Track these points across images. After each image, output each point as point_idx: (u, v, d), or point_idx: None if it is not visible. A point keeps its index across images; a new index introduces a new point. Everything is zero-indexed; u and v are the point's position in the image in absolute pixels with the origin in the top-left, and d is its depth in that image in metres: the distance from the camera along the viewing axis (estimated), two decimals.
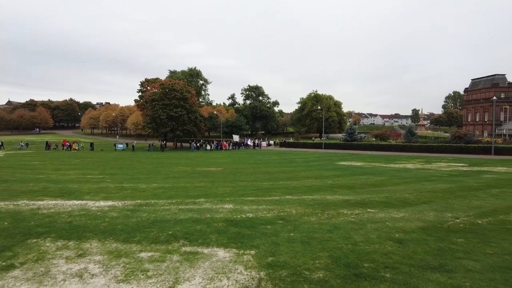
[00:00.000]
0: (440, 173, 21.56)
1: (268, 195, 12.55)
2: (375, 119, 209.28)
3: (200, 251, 6.23)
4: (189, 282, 4.89)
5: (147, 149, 56.93)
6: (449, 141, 45.88)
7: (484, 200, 12.10)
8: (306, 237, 7.04)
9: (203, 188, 14.43)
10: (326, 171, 22.26)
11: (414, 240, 6.95)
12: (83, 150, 55.83)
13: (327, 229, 7.75)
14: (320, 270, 5.27)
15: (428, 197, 12.57)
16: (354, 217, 9.10)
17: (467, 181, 17.57)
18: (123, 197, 11.98)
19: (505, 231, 7.76)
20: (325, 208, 10.17)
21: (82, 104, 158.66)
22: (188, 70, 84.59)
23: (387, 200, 11.79)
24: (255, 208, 10.01)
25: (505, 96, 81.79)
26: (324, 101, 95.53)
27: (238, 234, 7.28)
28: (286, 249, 6.29)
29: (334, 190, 14.15)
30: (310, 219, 8.72)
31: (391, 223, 8.39)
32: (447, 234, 7.40)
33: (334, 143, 56.43)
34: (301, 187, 14.86)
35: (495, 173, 21.64)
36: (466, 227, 8.09)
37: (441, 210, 10.07)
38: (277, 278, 4.97)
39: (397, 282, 4.82)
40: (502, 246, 6.62)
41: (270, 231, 7.53)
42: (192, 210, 9.77)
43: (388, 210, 10.00)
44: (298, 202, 11.10)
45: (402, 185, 15.87)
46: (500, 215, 9.61)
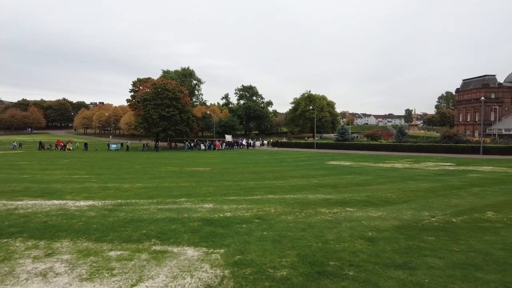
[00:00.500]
0: (426, 172, 21.77)
1: (250, 194, 12.60)
2: (369, 119, 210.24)
3: (169, 250, 6.25)
4: (153, 280, 4.92)
5: (141, 149, 56.80)
6: (439, 141, 46.29)
7: (464, 199, 12.25)
8: (278, 236, 7.09)
9: (187, 188, 14.44)
10: (313, 171, 22.36)
11: (385, 238, 7.02)
12: (77, 150, 55.46)
13: (302, 227, 7.81)
14: (285, 268, 5.32)
15: (409, 196, 12.69)
16: (332, 216, 9.17)
17: (451, 180, 17.74)
18: (105, 197, 11.95)
19: (476, 229, 7.87)
20: (304, 207, 10.23)
21: (75, 104, 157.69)
22: (181, 70, 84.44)
23: (368, 199, 11.89)
24: (234, 208, 10.05)
25: (495, 97, 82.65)
26: (317, 101, 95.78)
27: (212, 233, 7.31)
28: (256, 247, 6.33)
29: (317, 189, 14.23)
30: (287, 218, 8.78)
31: (366, 222, 8.46)
32: (419, 233, 7.49)
33: (326, 143, 56.67)
34: (286, 187, 14.92)
35: (480, 172, 21.89)
36: (440, 226, 8.18)
37: (419, 209, 10.17)
38: (240, 276, 5.01)
39: (358, 279, 4.88)
40: (470, 243, 6.72)
41: (244, 230, 7.57)
42: (171, 209, 9.78)
43: (367, 209, 10.08)
44: (279, 201, 11.15)
45: (386, 185, 16.00)
46: (476, 213, 9.73)
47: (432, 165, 27.09)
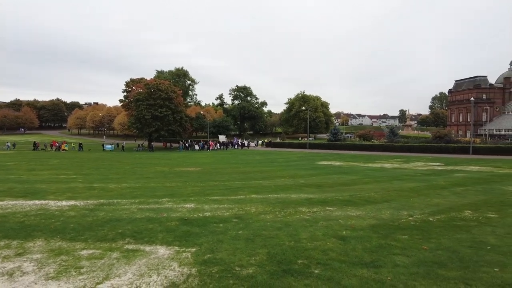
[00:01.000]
0: (414, 172, 21.94)
1: (234, 194, 12.65)
2: (363, 120, 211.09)
3: (142, 248, 6.29)
4: (119, 278, 4.96)
5: (136, 149, 56.67)
6: (430, 141, 46.62)
7: (445, 198, 12.39)
8: (252, 235, 7.15)
9: (172, 188, 14.46)
10: (302, 171, 22.46)
11: (358, 237, 7.10)
12: (73, 150, 54.99)
13: (278, 226, 7.88)
14: (252, 266, 5.38)
15: (392, 195, 12.81)
16: (310, 215, 9.25)
17: (436, 180, 17.91)
18: (88, 196, 11.95)
19: (450, 228, 7.98)
20: (285, 207, 10.30)
21: (69, 104, 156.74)
22: (175, 70, 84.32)
23: (350, 198, 11.99)
24: (215, 207, 10.10)
25: (487, 97, 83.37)
26: (311, 101, 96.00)
27: (187, 232, 7.35)
28: (228, 246, 6.39)
29: (302, 189, 14.32)
30: (266, 217, 8.84)
31: (343, 221, 8.55)
32: (393, 232, 7.58)
33: (319, 143, 56.88)
34: (271, 187, 15.00)
35: (467, 172, 22.10)
36: (415, 225, 8.28)
37: (399, 208, 10.28)
38: (206, 274, 5.06)
39: (322, 277, 4.95)
40: (440, 242, 6.82)
41: (220, 229, 7.63)
42: (151, 209, 9.81)
43: (347, 208, 10.18)
44: (261, 201, 11.22)
45: (371, 184, 16.12)
46: (453, 212, 9.86)
47: (421, 165, 27.29)
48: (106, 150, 54.84)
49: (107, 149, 55.28)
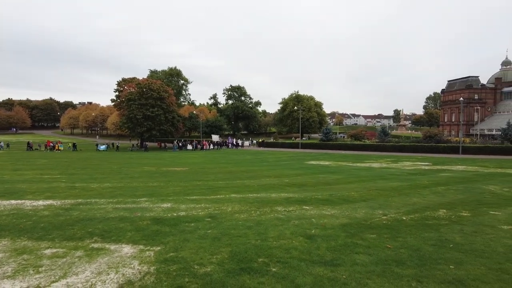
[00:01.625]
0: (400, 172, 22.09)
1: (214, 194, 12.67)
2: (358, 120, 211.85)
3: (107, 247, 6.30)
4: (76, 276, 4.97)
5: (130, 149, 56.52)
6: (421, 140, 46.93)
7: (425, 197, 12.49)
8: (221, 234, 7.18)
9: (154, 188, 14.45)
10: (290, 170, 22.53)
11: (326, 236, 7.16)
12: (68, 150, 54.51)
13: (248, 225, 7.92)
14: (212, 264, 5.42)
15: (372, 195, 12.90)
16: (285, 214, 9.30)
17: (420, 179, 18.05)
18: (67, 196, 11.92)
19: (421, 226, 8.05)
20: (262, 206, 10.34)
21: (62, 104, 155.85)
22: (168, 70, 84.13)
23: (329, 197, 12.06)
24: (192, 207, 10.12)
25: (479, 97, 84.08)
26: (305, 101, 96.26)
27: (156, 231, 7.37)
28: (193, 245, 6.42)
29: (284, 188, 14.38)
30: (240, 216, 8.88)
31: (316, 220, 8.60)
32: (363, 230, 7.63)
33: (311, 143, 57.07)
34: (254, 186, 15.04)
35: (452, 171, 22.29)
36: (387, 223, 8.35)
37: (375, 208, 10.36)
38: (163, 272, 5.09)
39: (278, 276, 4.99)
40: (406, 240, 6.88)
41: (190, 228, 7.65)
42: (127, 209, 9.81)
43: (323, 207, 10.24)
44: (239, 200, 11.25)
45: (355, 184, 16.21)
46: (428, 211, 9.94)
47: (409, 164, 27.47)
48: (100, 150, 54.49)
49: (101, 149, 54.95)
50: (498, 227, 8.06)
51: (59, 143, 55.38)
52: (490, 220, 8.83)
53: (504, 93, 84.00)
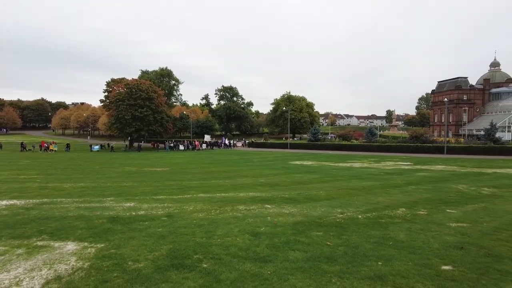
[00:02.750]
0: (378, 171, 22.32)
1: (183, 193, 12.80)
2: (351, 120, 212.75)
3: (51, 245, 6.42)
4: (7, 273, 5.10)
5: (123, 149, 56.68)
6: (407, 141, 47.39)
7: (391, 196, 12.69)
8: (169, 232, 7.32)
9: (125, 187, 14.54)
10: (269, 170, 22.69)
11: (272, 233, 7.32)
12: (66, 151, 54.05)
13: (201, 224, 8.06)
14: (146, 261, 5.56)
15: (340, 194, 13.10)
16: (244, 212, 9.46)
17: (395, 179, 18.29)
18: (34, 196, 12.00)
19: (371, 225, 8.21)
20: (225, 205, 10.49)
21: (54, 104, 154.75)
22: (159, 70, 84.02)
23: (295, 196, 12.23)
24: (153, 206, 10.25)
25: (467, 98, 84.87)
26: (296, 102, 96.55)
27: (107, 229, 7.49)
28: (137, 242, 6.55)
29: (255, 188, 14.54)
30: (197, 215, 9.02)
31: (271, 218, 8.77)
32: (312, 228, 7.81)
33: (300, 143, 57.37)
34: (227, 186, 15.17)
35: (430, 171, 22.56)
36: (339, 222, 8.51)
37: (336, 206, 10.53)
38: (96, 268, 5.23)
39: (205, 271, 5.13)
40: (350, 238, 7.04)
41: (142, 227, 7.78)
42: (89, 208, 9.91)
43: (285, 206, 10.41)
44: (204, 200, 11.38)
45: (328, 183, 16.41)
46: (388, 210, 10.12)
47: (390, 164, 27.75)
48: (93, 150, 54.24)
49: (95, 150, 54.77)
50: (446, 225, 8.28)
51: (53, 144, 54.96)
52: (442, 218, 9.05)
53: (492, 94, 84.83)
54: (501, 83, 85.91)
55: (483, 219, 8.96)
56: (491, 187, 15.28)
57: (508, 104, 78.48)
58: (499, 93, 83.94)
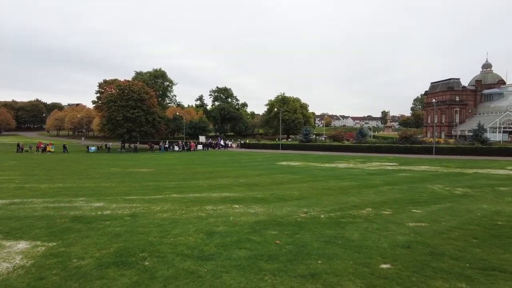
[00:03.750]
0: (361, 172, 22.46)
1: (156, 194, 12.91)
2: (346, 121, 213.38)
3: (3, 244, 6.54)
4: None
5: (119, 150, 56.99)
6: (397, 141, 47.65)
7: (363, 196, 12.82)
8: (126, 231, 7.43)
9: (102, 188, 14.64)
10: (253, 171, 22.80)
11: (227, 232, 7.45)
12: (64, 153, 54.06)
13: (161, 223, 8.18)
14: (91, 258, 5.68)
15: (313, 194, 13.24)
16: (209, 212, 9.59)
17: (374, 179, 18.42)
18: (6, 196, 12.10)
19: (331, 224, 8.34)
20: (193, 205, 10.61)
21: (49, 105, 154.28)
22: (153, 71, 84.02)
23: (268, 196, 12.36)
24: (122, 206, 10.36)
25: (460, 99, 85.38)
26: (290, 103, 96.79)
27: (66, 229, 7.61)
28: (90, 241, 6.67)
29: (232, 188, 14.65)
30: (162, 216, 9.12)
31: (234, 218, 8.89)
32: (269, 227, 7.92)
33: (291, 144, 57.52)
34: (204, 186, 15.28)
35: (412, 171, 22.72)
36: (299, 221, 8.64)
37: (303, 206, 10.66)
38: (37, 266, 5.35)
39: (143, 268, 5.27)
40: (302, 237, 7.16)
41: (101, 226, 7.89)
42: (57, 208, 10.02)
43: (252, 206, 10.55)
44: (175, 200, 11.49)
45: (306, 183, 16.54)
46: (354, 210, 10.23)
47: (375, 165, 27.91)
48: (90, 151, 54.30)
49: (91, 151, 54.87)
50: (405, 224, 8.42)
51: (50, 145, 54.98)
52: (404, 218, 9.17)
53: (484, 95, 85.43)
54: (493, 84, 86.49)
55: (443, 219, 9.11)
56: (465, 187, 15.45)
57: (499, 105, 79.01)
58: (491, 94, 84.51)
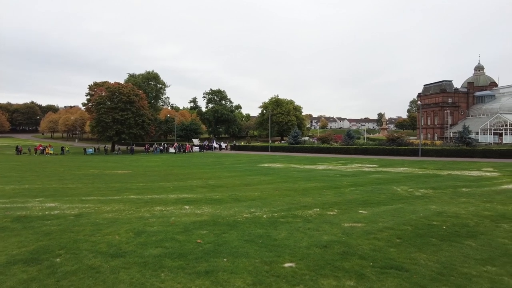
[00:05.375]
0: (336, 173, 22.58)
1: (116, 194, 13.12)
2: (343, 123, 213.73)
3: None
4: None
5: (116, 152, 57.65)
6: (384, 143, 47.90)
7: (322, 197, 12.98)
8: (60, 230, 7.66)
9: (67, 189, 14.84)
10: (229, 172, 22.97)
11: (157, 232, 7.66)
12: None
13: (100, 223, 8.40)
14: (5, 256, 5.93)
15: (272, 195, 13.42)
16: (155, 213, 9.78)
17: (344, 180, 18.58)
18: None
19: (267, 224, 8.50)
20: (145, 206, 10.81)
21: (45, 107, 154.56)
22: (146, 73, 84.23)
23: (225, 197, 12.56)
24: (73, 206, 10.56)
25: (452, 101, 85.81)
26: (284, 105, 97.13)
27: (2, 228, 7.77)
28: (16, 239, 6.90)
29: (195, 189, 14.84)
30: (106, 216, 9.32)
31: (175, 218, 9.08)
32: (203, 227, 8.11)
33: (280, 146, 57.74)
34: (169, 188, 15.48)
35: (387, 173, 22.85)
36: (238, 221, 8.80)
37: (253, 206, 10.85)
38: None
39: (49, 265, 5.51)
40: (228, 236, 7.35)
41: (39, 225, 8.10)
42: (8, 208, 10.32)
43: (202, 207, 10.73)
44: (130, 201, 11.70)
45: (274, 184, 16.74)
46: (300, 210, 10.37)
47: (355, 166, 28.07)
48: (88, 153, 54.79)
49: (89, 153, 55.39)
50: (340, 225, 8.58)
51: (50, 147, 55.58)
52: (345, 218, 9.33)
53: (476, 97, 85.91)
54: (485, 86, 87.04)
55: (383, 219, 9.24)
56: (429, 188, 15.60)
57: (490, 107, 79.46)
58: (483, 96, 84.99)
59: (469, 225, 8.69)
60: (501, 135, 69.58)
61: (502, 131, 69.44)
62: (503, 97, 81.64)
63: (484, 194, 14.06)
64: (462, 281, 5.12)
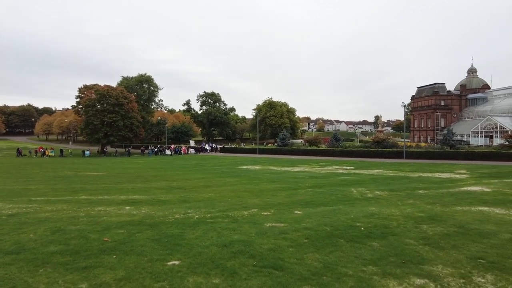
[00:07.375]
0: (305, 175, 22.72)
1: (70, 195, 13.46)
2: (340, 126, 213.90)
3: None
4: None
5: (114, 154, 58.46)
6: (369, 146, 48.16)
7: (273, 198, 13.20)
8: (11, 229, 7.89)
9: (26, 190, 15.22)
10: (202, 174, 23.26)
11: (75, 230, 7.92)
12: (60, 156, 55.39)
13: (28, 222, 8.78)
14: None
15: (226, 196, 13.68)
16: (92, 213, 10.10)
17: (308, 182, 18.79)
18: None
19: (191, 224, 8.71)
20: (87, 206, 11.13)
21: (41, 110, 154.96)
22: (138, 76, 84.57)
23: (174, 199, 12.87)
24: (16, 206, 10.95)
25: (445, 104, 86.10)
26: (277, 108, 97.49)
27: None
28: None
29: (152, 191, 15.16)
30: (44, 215, 9.65)
31: (106, 218, 9.34)
32: (124, 227, 8.28)
33: (268, 148, 58.06)
34: (127, 189, 15.80)
35: (357, 175, 23.00)
36: (166, 221, 8.94)
37: (195, 207, 11.07)
38: None
39: None
40: (140, 235, 7.51)
41: None
42: None
43: (142, 208, 11.00)
44: (77, 201, 12.01)
45: (236, 186, 17.07)
46: (237, 211, 10.50)
47: (331, 168, 28.25)
48: (86, 156, 55.30)
49: (87, 155, 55.88)
50: (262, 225, 8.70)
51: (51, 149, 56.31)
52: (273, 219, 9.39)
53: (469, 100, 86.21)
54: (478, 89, 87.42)
55: (309, 220, 9.24)
56: (386, 190, 15.68)
57: (483, 110, 79.72)
58: (475, 99, 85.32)
59: (390, 226, 8.80)
60: (492, 137, 69.74)
61: (492, 134, 69.61)
62: (495, 99, 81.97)
63: (436, 195, 14.15)
64: (329, 280, 5.11)
